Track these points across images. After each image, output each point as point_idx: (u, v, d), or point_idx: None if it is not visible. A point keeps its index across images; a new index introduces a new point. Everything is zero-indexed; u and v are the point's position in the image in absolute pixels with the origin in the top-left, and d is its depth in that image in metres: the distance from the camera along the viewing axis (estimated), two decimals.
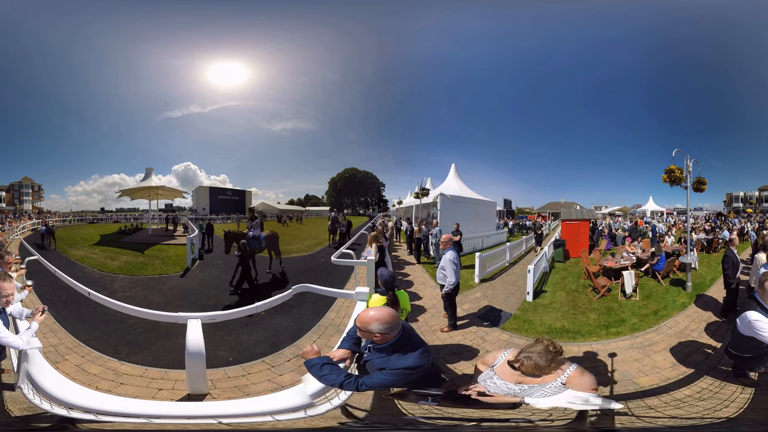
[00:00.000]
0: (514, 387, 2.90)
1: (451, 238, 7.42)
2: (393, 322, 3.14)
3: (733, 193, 16.49)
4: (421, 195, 13.13)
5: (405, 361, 3.11)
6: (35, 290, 6.88)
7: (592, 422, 2.61)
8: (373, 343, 3.25)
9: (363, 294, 5.47)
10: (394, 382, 3.16)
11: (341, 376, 3.13)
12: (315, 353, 3.31)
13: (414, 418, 3.02)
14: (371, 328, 3.11)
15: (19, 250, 11.02)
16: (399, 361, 3.11)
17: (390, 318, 3.14)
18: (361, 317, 3.18)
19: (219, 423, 3.06)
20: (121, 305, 5.62)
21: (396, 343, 3.17)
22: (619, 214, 17.84)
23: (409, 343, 3.21)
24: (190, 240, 11.87)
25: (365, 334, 3.20)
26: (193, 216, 17.23)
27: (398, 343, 3.17)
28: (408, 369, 3.09)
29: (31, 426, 3.68)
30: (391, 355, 3.18)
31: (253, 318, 6.89)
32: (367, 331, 3.13)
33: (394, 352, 3.17)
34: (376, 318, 3.11)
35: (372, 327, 3.10)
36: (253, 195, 18.99)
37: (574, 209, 14.08)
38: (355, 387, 3.11)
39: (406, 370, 3.09)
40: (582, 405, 2.64)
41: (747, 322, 4.18)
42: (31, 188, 16.40)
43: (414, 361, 3.12)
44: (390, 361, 3.15)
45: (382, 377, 3.12)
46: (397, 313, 3.27)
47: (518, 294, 8.97)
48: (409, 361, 3.12)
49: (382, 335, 3.12)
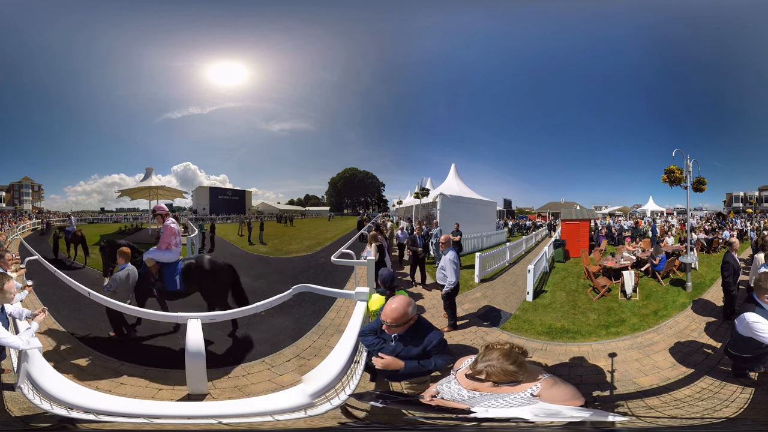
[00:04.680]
0: (464, 393, 2.72)
1: (451, 238, 7.42)
2: (410, 300, 3.49)
3: (733, 193, 16.48)
4: (421, 195, 13.13)
5: (435, 335, 3.47)
6: (35, 290, 6.88)
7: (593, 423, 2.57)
8: (394, 337, 3.49)
9: (363, 294, 5.47)
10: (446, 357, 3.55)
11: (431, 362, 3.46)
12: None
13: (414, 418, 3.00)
14: (409, 312, 3.40)
15: (19, 250, 11.01)
16: (434, 336, 3.46)
17: (407, 298, 3.50)
18: (392, 312, 3.36)
19: (219, 423, 3.06)
20: (121, 305, 5.62)
21: (415, 324, 3.49)
22: (620, 214, 17.83)
23: (419, 321, 3.54)
24: (190, 240, 11.86)
25: (401, 325, 3.40)
26: (193, 216, 17.24)
27: (417, 322, 3.51)
28: (443, 339, 3.50)
29: (31, 426, 3.68)
30: (415, 337, 3.47)
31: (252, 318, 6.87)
32: (404, 316, 3.37)
33: (415, 333, 3.47)
34: (403, 304, 3.39)
35: (409, 311, 3.40)
36: (253, 195, 19.00)
37: (574, 209, 14.08)
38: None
39: (443, 341, 3.50)
40: (549, 418, 2.43)
41: (746, 324, 4.18)
42: (31, 188, 16.40)
43: (441, 333, 3.54)
44: (416, 341, 3.45)
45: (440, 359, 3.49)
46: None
47: (518, 294, 8.97)
48: (437, 334, 3.48)
49: (412, 317, 3.44)
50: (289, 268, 12.08)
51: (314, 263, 12.01)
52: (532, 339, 6.85)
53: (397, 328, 3.38)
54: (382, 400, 3.08)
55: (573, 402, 2.55)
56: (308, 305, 7.68)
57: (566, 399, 2.54)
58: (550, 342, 6.75)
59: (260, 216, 18.32)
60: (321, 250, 13.72)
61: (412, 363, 3.41)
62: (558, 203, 17.82)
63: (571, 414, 2.44)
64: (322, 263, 11.59)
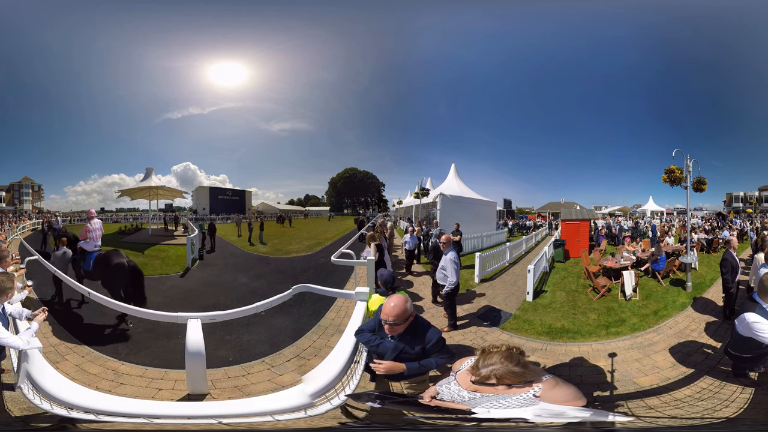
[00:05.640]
0: (464, 394, 2.72)
1: (451, 238, 7.42)
2: (407, 297, 3.45)
3: (733, 193, 16.48)
4: (421, 195, 13.13)
5: (434, 332, 3.46)
6: (35, 290, 6.89)
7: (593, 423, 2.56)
8: (393, 336, 3.45)
9: (363, 294, 5.47)
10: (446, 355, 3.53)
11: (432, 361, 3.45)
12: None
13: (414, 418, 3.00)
14: (408, 308, 3.36)
15: (19, 250, 11.01)
16: (432, 335, 3.44)
17: (404, 296, 3.44)
18: (392, 309, 3.32)
19: (219, 423, 3.06)
20: (121, 305, 5.62)
21: (413, 323, 3.46)
22: (620, 214, 17.83)
23: (417, 320, 3.51)
24: (190, 240, 11.87)
25: (402, 322, 3.36)
26: (193, 216, 17.24)
27: (414, 322, 3.47)
28: (442, 338, 3.47)
29: (31, 426, 3.68)
30: (415, 335, 3.44)
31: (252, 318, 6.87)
32: (405, 312, 3.33)
33: (416, 332, 3.45)
34: (401, 301, 3.35)
35: (408, 307, 3.36)
36: (253, 195, 19.01)
37: (574, 209, 14.08)
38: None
39: (442, 339, 3.47)
40: (551, 419, 2.42)
41: (746, 324, 4.18)
42: (31, 188, 16.40)
43: (439, 331, 3.51)
44: (416, 340, 3.42)
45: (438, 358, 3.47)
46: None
47: (518, 294, 8.97)
48: (436, 332, 3.46)
49: (410, 315, 3.40)
50: (289, 268, 12.08)
51: (314, 263, 12.01)
52: (532, 339, 6.85)
53: (398, 326, 3.36)
54: (381, 401, 3.07)
55: (575, 403, 2.53)
56: (308, 305, 7.68)
57: (568, 399, 2.53)
58: (550, 342, 6.75)
59: (260, 216, 18.32)
60: (321, 250, 13.72)
61: (413, 365, 3.40)
62: (558, 203, 17.83)
63: (572, 414, 2.44)
64: (322, 263, 11.59)
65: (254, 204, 19.18)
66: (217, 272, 11.34)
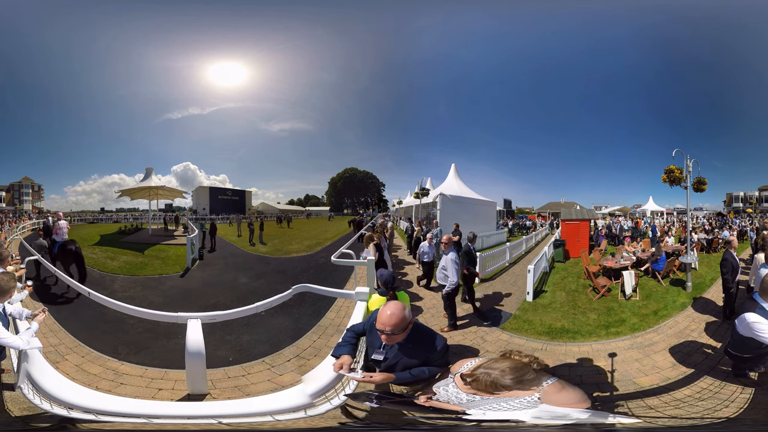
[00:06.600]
0: (462, 396, 2.69)
1: (452, 238, 7.43)
2: (404, 304, 3.22)
3: (733, 193, 16.48)
4: (421, 195, 13.13)
5: (440, 340, 3.29)
6: (35, 290, 6.89)
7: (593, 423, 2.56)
8: (392, 345, 3.23)
9: (363, 294, 5.47)
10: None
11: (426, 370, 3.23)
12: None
13: (414, 418, 3.00)
14: (406, 315, 3.12)
15: (19, 250, 11.01)
16: (439, 342, 3.27)
17: (401, 303, 3.20)
18: (390, 318, 3.04)
19: (219, 423, 3.06)
20: (121, 305, 5.62)
21: (414, 330, 3.24)
22: (620, 214, 17.83)
23: (418, 327, 3.31)
24: (190, 240, 11.87)
25: (400, 332, 3.10)
26: (193, 216, 17.23)
27: (414, 329, 3.25)
28: (446, 345, 3.30)
29: (31, 426, 3.68)
30: (419, 344, 3.24)
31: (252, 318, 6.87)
32: (403, 320, 3.07)
33: (420, 340, 3.25)
34: (398, 308, 3.10)
35: (406, 314, 3.12)
36: (253, 195, 19.01)
37: (574, 209, 14.07)
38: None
39: (446, 347, 3.30)
40: (553, 420, 2.39)
41: (746, 324, 4.18)
42: (31, 188, 16.40)
43: (444, 339, 3.33)
44: (420, 349, 3.23)
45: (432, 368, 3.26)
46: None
47: (518, 294, 8.97)
48: (441, 340, 3.29)
49: (410, 323, 3.18)
50: (289, 268, 12.09)
51: (314, 263, 12.01)
52: (532, 339, 6.86)
53: (397, 336, 3.10)
54: (381, 401, 3.06)
55: (580, 405, 2.52)
56: (308, 305, 7.68)
57: (573, 402, 2.52)
58: (550, 342, 6.75)
59: (260, 216, 18.32)
60: (321, 250, 13.72)
61: (404, 374, 3.20)
62: (558, 203, 17.83)
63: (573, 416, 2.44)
64: (322, 263, 11.59)
65: (254, 204, 19.19)
66: (217, 272, 11.34)
